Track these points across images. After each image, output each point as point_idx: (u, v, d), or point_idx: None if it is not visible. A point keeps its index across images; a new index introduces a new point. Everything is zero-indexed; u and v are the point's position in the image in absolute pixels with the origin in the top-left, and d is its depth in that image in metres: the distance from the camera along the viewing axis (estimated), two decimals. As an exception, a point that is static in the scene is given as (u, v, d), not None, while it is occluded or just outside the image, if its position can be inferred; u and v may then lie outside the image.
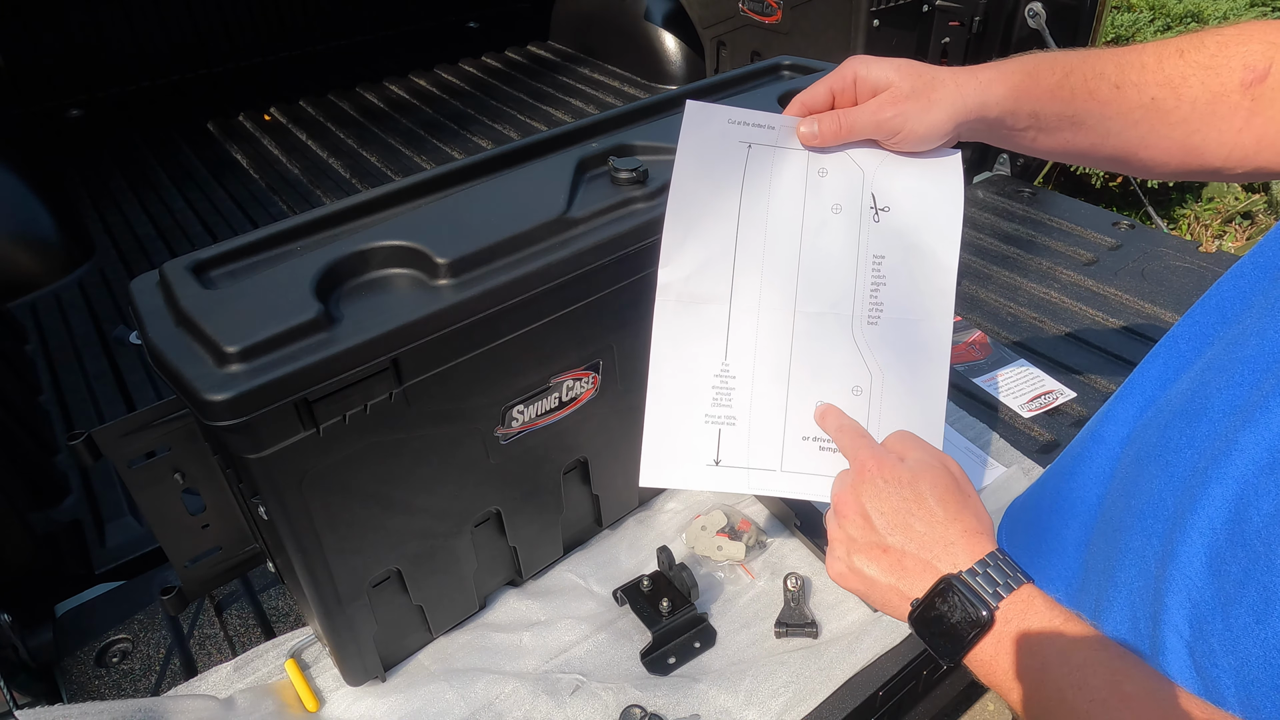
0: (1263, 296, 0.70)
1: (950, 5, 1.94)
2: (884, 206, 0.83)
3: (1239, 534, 0.61)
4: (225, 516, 0.92)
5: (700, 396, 0.83)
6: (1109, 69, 0.78)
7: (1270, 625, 0.58)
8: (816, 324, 0.83)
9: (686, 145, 0.82)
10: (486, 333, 0.82)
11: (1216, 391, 0.68)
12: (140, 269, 1.65)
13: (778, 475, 0.83)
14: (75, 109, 2.64)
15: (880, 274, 0.82)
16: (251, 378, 0.69)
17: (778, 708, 0.93)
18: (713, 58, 2.49)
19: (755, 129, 0.82)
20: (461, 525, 0.94)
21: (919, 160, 0.83)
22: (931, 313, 0.82)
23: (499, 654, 1.00)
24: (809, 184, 0.83)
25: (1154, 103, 0.77)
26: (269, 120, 2.65)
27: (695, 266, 0.82)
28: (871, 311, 0.83)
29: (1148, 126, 0.78)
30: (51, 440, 1.45)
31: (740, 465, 0.83)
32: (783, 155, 0.83)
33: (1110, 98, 0.78)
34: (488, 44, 3.11)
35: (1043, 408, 1.36)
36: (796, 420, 0.83)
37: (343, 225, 0.88)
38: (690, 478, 0.83)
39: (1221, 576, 0.62)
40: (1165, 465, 0.71)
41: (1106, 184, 3.35)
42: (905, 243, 0.83)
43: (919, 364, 0.82)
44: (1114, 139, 0.80)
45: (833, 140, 0.82)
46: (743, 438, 0.83)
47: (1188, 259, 1.72)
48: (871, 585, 0.70)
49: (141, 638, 1.06)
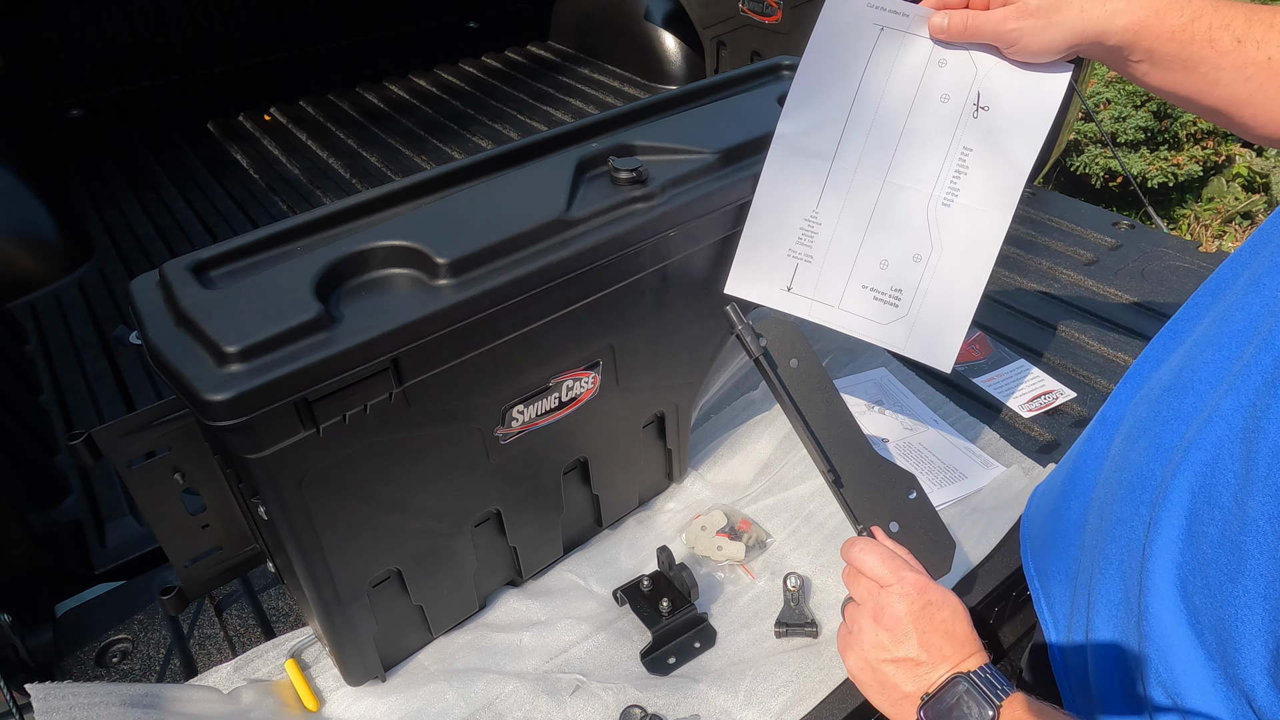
0: (1247, 272, 0.71)
1: (950, 5, 1.94)
2: (985, 105, 0.91)
3: (1213, 496, 0.63)
4: (225, 516, 0.92)
5: (788, 233, 0.97)
6: (1237, 21, 0.80)
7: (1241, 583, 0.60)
8: (900, 194, 0.94)
9: (826, 18, 0.92)
10: (486, 333, 0.82)
11: (1204, 365, 0.70)
12: (140, 269, 1.65)
13: (835, 310, 0.98)
14: (75, 109, 2.64)
15: (964, 164, 0.92)
16: (251, 378, 0.69)
17: (777, 708, 0.93)
18: (713, 58, 2.49)
19: (891, 14, 0.92)
20: (461, 525, 0.94)
21: (1028, 72, 0.90)
22: (996, 206, 0.92)
23: (499, 654, 1.00)
24: (927, 71, 0.92)
25: (1270, 62, 0.78)
26: (269, 120, 2.65)
27: (810, 124, 0.95)
28: (948, 195, 0.93)
29: (1257, 84, 0.79)
30: (51, 440, 1.45)
31: (807, 296, 0.98)
32: (910, 41, 0.92)
33: (1229, 49, 0.79)
34: (488, 44, 3.11)
35: (1043, 408, 1.36)
36: (861, 271, 0.96)
37: (343, 225, 0.88)
38: (766, 295, 0.99)
39: (1199, 539, 0.64)
40: (1154, 438, 0.72)
41: (1106, 184, 3.35)
42: (992, 141, 0.91)
43: (973, 248, 0.93)
44: (1221, 90, 0.81)
45: (958, 37, 0.89)
46: (814, 274, 0.97)
47: (1188, 259, 1.72)
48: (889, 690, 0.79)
49: (141, 638, 1.05)
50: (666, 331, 1.01)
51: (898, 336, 0.96)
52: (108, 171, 2.37)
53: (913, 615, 0.78)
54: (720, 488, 1.21)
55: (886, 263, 0.95)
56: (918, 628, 0.78)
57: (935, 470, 1.21)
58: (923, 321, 0.96)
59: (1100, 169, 3.23)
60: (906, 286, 0.95)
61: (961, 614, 0.80)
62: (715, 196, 0.94)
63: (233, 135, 2.56)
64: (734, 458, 1.26)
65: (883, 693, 0.79)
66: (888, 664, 0.78)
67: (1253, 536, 0.59)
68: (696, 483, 1.22)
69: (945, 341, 0.96)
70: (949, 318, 0.95)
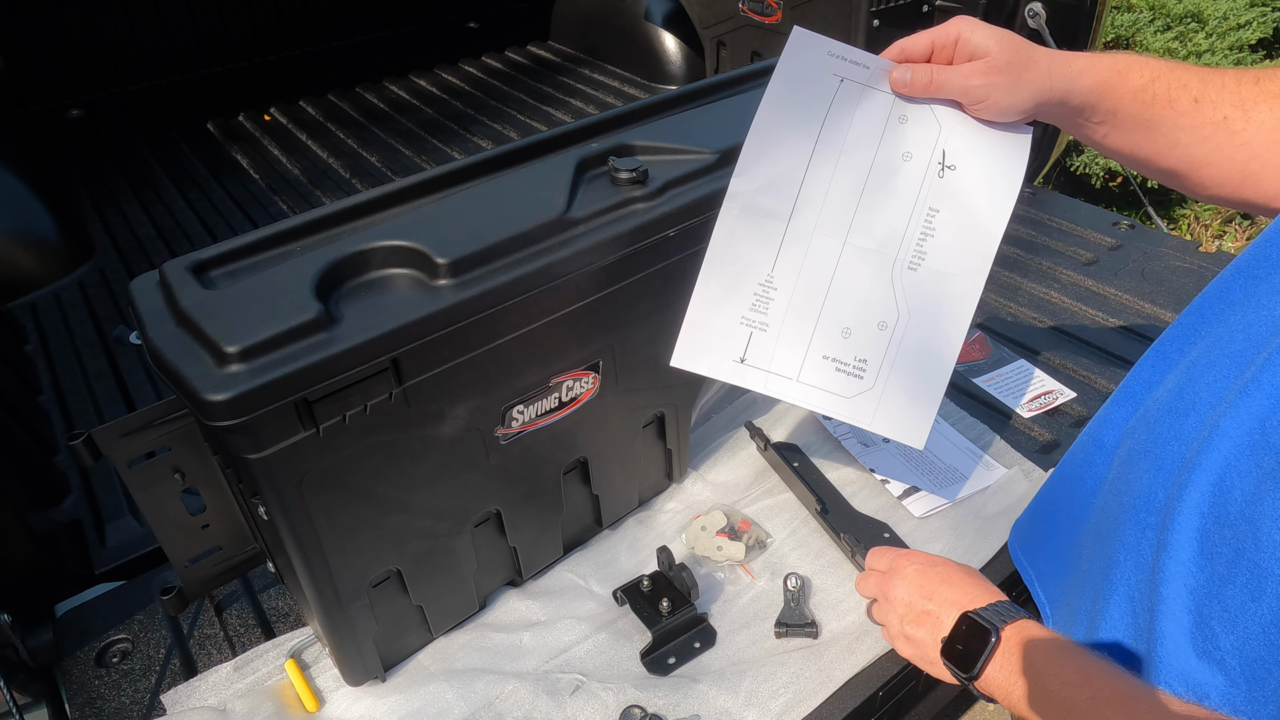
0: (1244, 295, 0.71)
1: (950, 5, 1.94)
2: (951, 165, 0.87)
3: (1224, 515, 0.63)
4: (225, 516, 0.92)
5: (741, 299, 0.90)
6: (1193, 82, 0.80)
7: (1265, 601, 0.59)
8: (862, 257, 0.89)
9: (784, 68, 0.86)
10: (486, 333, 0.82)
11: (1204, 386, 0.69)
12: (140, 269, 1.66)
13: (793, 384, 0.91)
14: (75, 109, 2.64)
15: (931, 226, 0.88)
16: (251, 378, 0.69)
17: (778, 708, 0.93)
18: (713, 58, 2.49)
19: (851, 65, 0.86)
20: (461, 525, 0.94)
21: (993, 130, 0.87)
22: (967, 270, 0.88)
23: (499, 654, 1.00)
24: (888, 127, 0.87)
25: (1225, 121, 0.79)
26: (269, 120, 2.65)
27: (765, 182, 0.88)
28: (914, 258, 0.88)
29: (1214, 144, 0.80)
30: (51, 440, 1.45)
31: (762, 368, 0.91)
32: (870, 95, 0.87)
33: (1187, 109, 0.80)
34: (488, 44, 3.11)
35: (1043, 408, 1.36)
36: (821, 340, 0.90)
37: (343, 225, 0.88)
38: (716, 368, 0.91)
39: (1214, 559, 0.63)
40: (1155, 460, 0.72)
41: (1106, 184, 3.35)
42: (961, 202, 0.87)
43: (944, 314, 0.89)
44: (1179, 151, 0.82)
45: (921, 92, 0.85)
46: (770, 344, 0.90)
47: (1188, 259, 1.72)
48: (921, 646, 0.86)
49: (141, 638, 1.05)
50: (667, 331, 1.01)
51: (864, 411, 0.90)
52: (108, 171, 2.37)
53: (915, 581, 0.89)
54: (720, 488, 1.21)
55: (849, 331, 0.89)
56: (921, 588, 0.88)
57: (935, 471, 1.21)
58: (891, 394, 0.90)
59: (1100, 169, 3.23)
60: (872, 357, 0.89)
61: (962, 568, 0.90)
62: (715, 197, 0.94)
63: (233, 135, 2.56)
64: (734, 458, 1.26)
65: (921, 654, 0.87)
66: (911, 626, 0.87)
67: (1270, 554, 0.58)
68: (696, 483, 1.22)
69: (916, 416, 0.90)
70: (919, 390, 0.90)
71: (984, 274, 0.88)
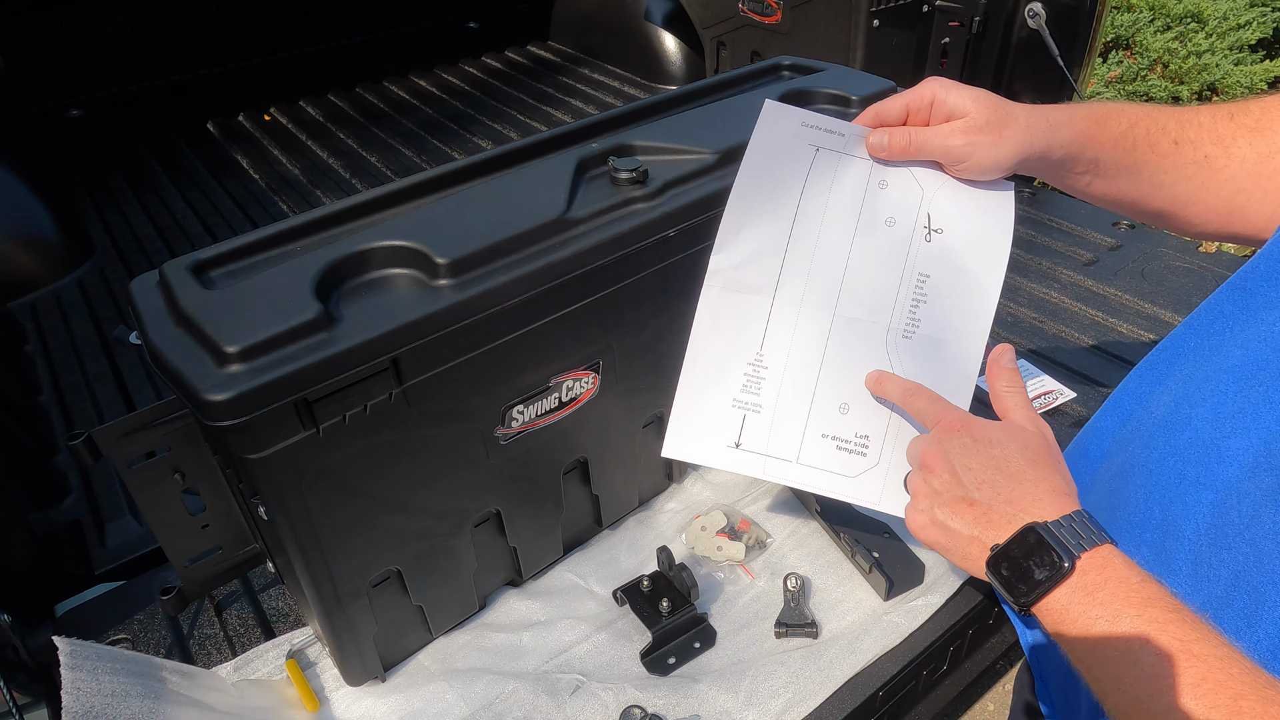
0: (1240, 311, 0.71)
1: (950, 5, 1.94)
2: (938, 228, 0.84)
3: (1222, 537, 0.62)
4: (225, 516, 0.92)
5: (731, 381, 0.87)
6: (1170, 124, 0.81)
7: (1261, 627, 0.58)
8: (853, 329, 0.85)
9: (758, 141, 0.84)
10: (486, 333, 0.82)
11: (1201, 401, 0.69)
12: (140, 269, 1.65)
13: (793, 466, 0.86)
14: (75, 109, 2.64)
15: (923, 291, 0.84)
16: (251, 378, 0.69)
17: (778, 708, 0.93)
18: (713, 58, 2.49)
19: (826, 134, 0.84)
20: (461, 525, 0.94)
21: (977, 189, 0.84)
22: (965, 334, 0.85)
23: (499, 654, 1.00)
24: (868, 194, 0.85)
25: (1207, 160, 0.79)
26: (269, 120, 2.65)
27: (746, 256, 0.85)
28: (908, 325, 0.85)
29: (1199, 182, 0.80)
30: (51, 440, 1.45)
31: (759, 452, 0.87)
32: (847, 162, 0.85)
33: (1168, 151, 0.80)
34: (488, 44, 3.11)
35: (1043, 408, 1.36)
36: (819, 417, 0.86)
37: (343, 225, 0.88)
38: (710, 456, 0.87)
39: (1211, 582, 0.63)
40: (1149, 475, 0.71)
41: (1106, 184, 3.36)
42: (951, 265, 0.84)
43: (946, 381, 0.83)
44: (1164, 192, 0.82)
45: (900, 156, 0.84)
46: (765, 426, 0.86)
47: (1188, 259, 1.72)
48: (953, 537, 0.71)
49: (141, 638, 1.05)
50: (667, 331, 1.01)
51: (870, 490, 0.85)
52: (108, 171, 2.38)
53: (963, 460, 0.72)
54: (720, 488, 1.21)
55: (847, 406, 0.85)
56: (970, 470, 0.71)
57: (935, 470, 1.21)
58: (897, 470, 0.85)
59: (1100, 169, 3.24)
60: (873, 431, 0.85)
61: (1029, 448, 0.71)
62: (715, 197, 0.94)
63: (233, 135, 2.57)
64: (734, 458, 1.26)
65: (952, 546, 0.72)
66: (946, 512, 0.71)
67: (1269, 577, 0.57)
68: (696, 483, 1.22)
69: None
70: None
71: (983, 336, 0.85)
